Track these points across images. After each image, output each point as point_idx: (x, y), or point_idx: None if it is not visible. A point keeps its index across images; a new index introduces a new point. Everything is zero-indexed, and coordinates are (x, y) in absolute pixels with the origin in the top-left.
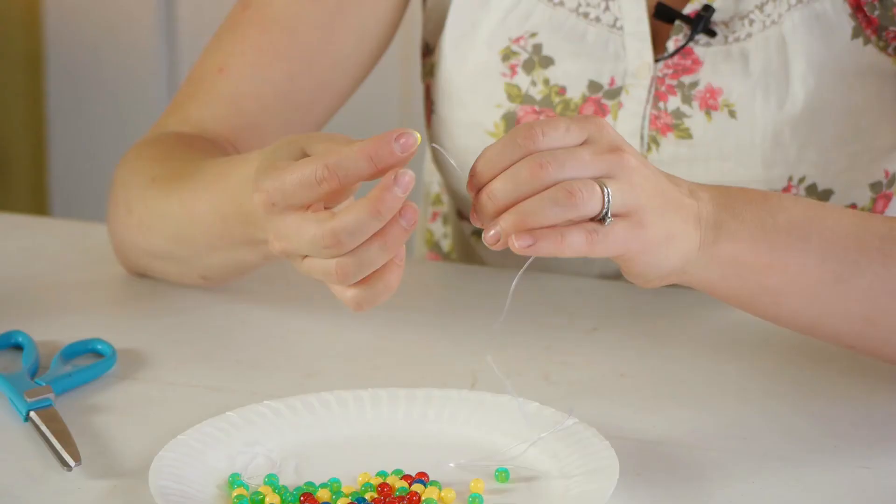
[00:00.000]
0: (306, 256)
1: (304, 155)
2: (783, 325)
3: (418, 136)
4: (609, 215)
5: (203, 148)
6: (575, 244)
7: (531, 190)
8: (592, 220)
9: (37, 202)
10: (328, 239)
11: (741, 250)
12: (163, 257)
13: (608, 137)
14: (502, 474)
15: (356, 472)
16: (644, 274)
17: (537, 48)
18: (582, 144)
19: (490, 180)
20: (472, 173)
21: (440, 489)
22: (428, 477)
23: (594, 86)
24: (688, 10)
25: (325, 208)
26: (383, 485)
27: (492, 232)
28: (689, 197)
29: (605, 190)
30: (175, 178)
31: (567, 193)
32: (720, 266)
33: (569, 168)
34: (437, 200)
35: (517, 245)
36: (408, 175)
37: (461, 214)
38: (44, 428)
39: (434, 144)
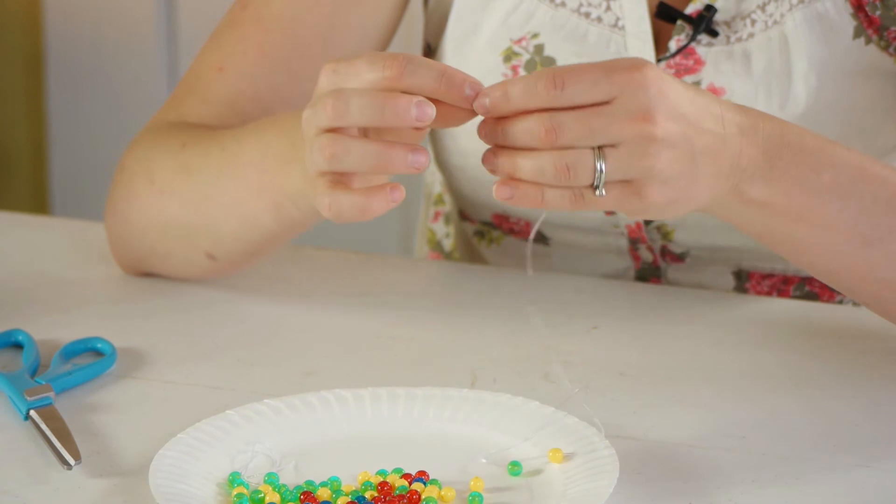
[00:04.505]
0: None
1: None
2: (799, 266)
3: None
4: (601, 188)
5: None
6: (554, 202)
7: (537, 146)
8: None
9: (37, 201)
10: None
11: (773, 199)
12: (174, 230)
13: (639, 101)
14: (515, 466)
15: (356, 471)
16: (649, 217)
17: (539, 49)
18: (610, 102)
19: (503, 114)
20: (485, 94)
21: (440, 488)
22: (428, 476)
23: None
24: (689, 9)
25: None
26: (383, 483)
27: (489, 156)
28: (739, 135)
29: (599, 166)
30: (211, 137)
31: (556, 170)
32: (747, 209)
33: (577, 138)
34: (439, 200)
35: (496, 194)
36: (429, 108)
37: (463, 214)
38: (44, 426)
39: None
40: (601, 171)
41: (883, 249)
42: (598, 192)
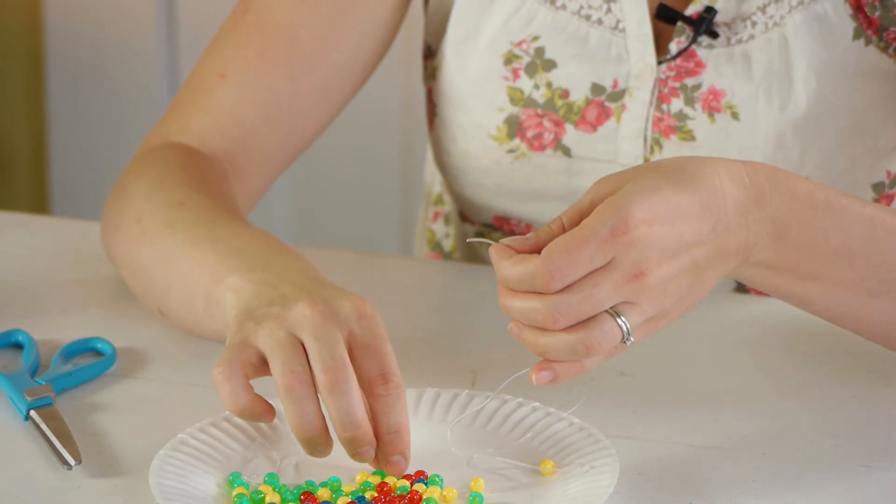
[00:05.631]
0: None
1: None
2: (805, 312)
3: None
4: (630, 337)
5: (211, 181)
6: (592, 365)
7: (551, 329)
8: None
9: (37, 201)
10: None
11: (781, 264)
12: (139, 275)
13: (633, 257)
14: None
15: (356, 471)
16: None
17: (539, 51)
18: (607, 265)
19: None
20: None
21: (441, 488)
22: (427, 476)
23: (597, 88)
24: (690, 11)
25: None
26: (382, 483)
27: (514, 329)
28: (742, 216)
29: (624, 326)
30: (209, 211)
31: (585, 349)
32: (754, 273)
33: (586, 313)
34: (439, 200)
35: (537, 382)
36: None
37: (464, 216)
38: (44, 427)
39: (470, 240)
40: (626, 328)
41: (886, 298)
42: (628, 343)
